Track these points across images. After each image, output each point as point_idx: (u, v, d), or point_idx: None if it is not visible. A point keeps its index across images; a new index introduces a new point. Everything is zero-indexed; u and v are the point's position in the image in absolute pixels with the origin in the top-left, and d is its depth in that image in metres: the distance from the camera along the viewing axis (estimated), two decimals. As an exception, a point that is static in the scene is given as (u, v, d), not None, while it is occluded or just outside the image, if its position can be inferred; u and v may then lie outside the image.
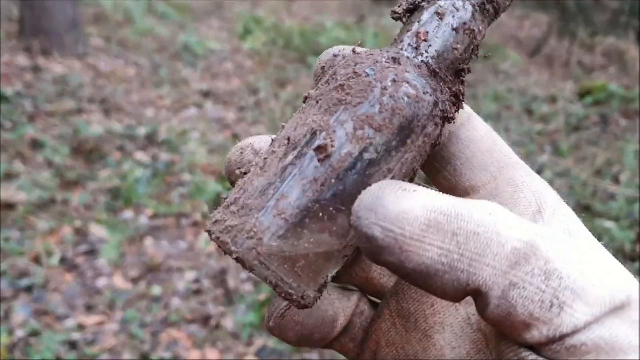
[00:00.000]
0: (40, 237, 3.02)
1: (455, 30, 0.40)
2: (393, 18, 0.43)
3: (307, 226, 0.35)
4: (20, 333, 2.49)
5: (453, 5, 0.40)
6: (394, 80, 0.37)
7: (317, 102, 0.38)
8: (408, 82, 0.37)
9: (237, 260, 0.35)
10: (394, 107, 0.36)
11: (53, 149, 3.75)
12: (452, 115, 0.39)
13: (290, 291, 0.35)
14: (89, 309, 2.70)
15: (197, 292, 2.89)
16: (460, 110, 0.41)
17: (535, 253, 0.29)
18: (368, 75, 0.37)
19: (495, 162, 0.41)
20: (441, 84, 0.39)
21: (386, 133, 0.36)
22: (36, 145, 3.78)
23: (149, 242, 3.18)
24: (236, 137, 4.31)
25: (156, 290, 2.85)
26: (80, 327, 2.59)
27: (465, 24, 0.40)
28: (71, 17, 5.26)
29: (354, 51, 0.42)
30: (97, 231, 3.14)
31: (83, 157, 3.77)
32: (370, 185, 0.34)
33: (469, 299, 0.38)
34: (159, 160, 3.92)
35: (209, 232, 0.37)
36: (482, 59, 0.44)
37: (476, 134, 0.42)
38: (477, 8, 0.40)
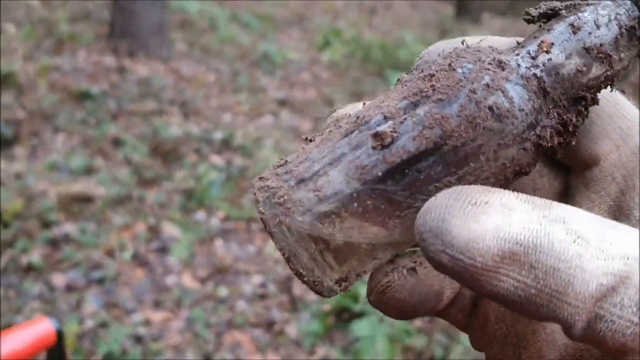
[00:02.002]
0: (115, 231, 3.09)
1: (587, 50, 0.34)
2: (524, 20, 0.38)
3: (338, 212, 0.32)
4: (90, 323, 2.55)
5: (595, 21, 0.34)
6: (487, 85, 0.32)
7: (403, 86, 0.35)
8: (503, 92, 0.32)
9: (261, 220, 0.33)
10: (476, 115, 0.31)
11: (133, 147, 3.85)
12: (550, 145, 0.33)
13: (301, 271, 0.33)
14: (157, 305, 2.74)
15: (263, 297, 2.89)
16: None
17: (624, 282, 0.25)
18: (462, 71, 0.33)
19: (618, 129, 0.36)
20: (550, 106, 0.33)
21: (457, 141, 0.31)
22: (117, 142, 3.89)
23: (218, 243, 3.21)
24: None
25: (223, 291, 2.87)
26: (147, 323, 2.63)
27: (601, 45, 0.34)
28: (158, 22, 5.43)
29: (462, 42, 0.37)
30: (170, 229, 3.19)
31: (161, 157, 3.85)
32: (421, 194, 0.31)
33: None
34: (233, 165, 3.97)
35: (253, 185, 0.35)
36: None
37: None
38: (625, 31, 0.34)
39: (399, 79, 0.37)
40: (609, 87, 0.35)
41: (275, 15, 7.92)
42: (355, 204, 0.32)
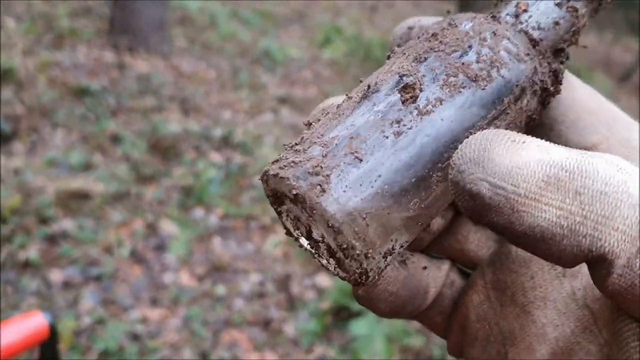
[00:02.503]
0: (113, 228, 3.08)
1: (558, 5, 0.37)
2: None
3: (380, 171, 0.30)
4: (86, 320, 2.54)
5: None
6: (493, 34, 0.34)
7: (404, 53, 0.35)
8: (509, 39, 0.34)
9: (296, 198, 0.30)
10: (494, 59, 0.33)
11: (132, 143, 3.84)
12: (551, 90, 0.36)
13: (355, 243, 0.30)
14: (154, 302, 2.73)
15: (261, 295, 2.88)
16: None
17: None
18: (465, 26, 0.34)
19: (604, 122, 0.37)
20: (540, 57, 0.36)
21: (482, 85, 0.32)
22: (116, 139, 3.88)
23: (217, 241, 3.20)
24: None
25: (220, 289, 2.86)
26: (144, 320, 2.62)
27: (568, 0, 0.37)
28: (159, 18, 5.41)
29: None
30: (168, 227, 3.19)
31: (159, 154, 3.84)
32: (458, 142, 0.31)
33: (574, 271, 0.35)
34: (232, 162, 3.96)
35: (265, 172, 0.32)
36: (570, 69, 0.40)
37: (577, 93, 0.38)
38: None
39: (388, 55, 0.38)
40: (575, 42, 0.38)
41: (276, 13, 7.91)
42: (399, 160, 0.31)
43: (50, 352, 1.42)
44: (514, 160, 0.26)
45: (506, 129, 0.33)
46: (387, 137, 0.31)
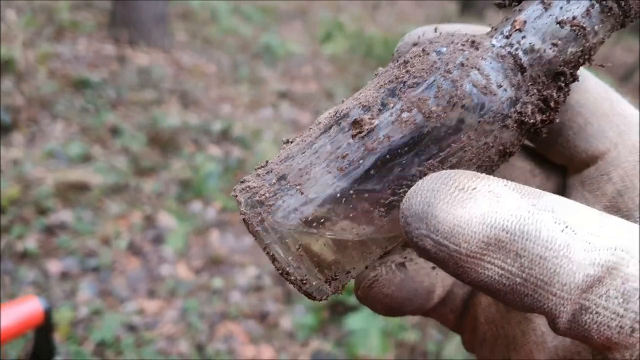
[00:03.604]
0: (111, 220, 3.09)
1: (560, 23, 0.33)
2: (496, 5, 0.38)
3: (323, 205, 0.31)
4: (84, 310, 2.54)
5: None
6: (461, 64, 0.31)
7: (379, 77, 0.35)
8: (478, 69, 0.32)
9: (244, 222, 0.32)
10: (453, 94, 0.31)
11: (131, 136, 3.84)
12: (533, 121, 0.33)
13: (288, 269, 0.31)
14: (151, 294, 2.74)
15: (258, 289, 2.89)
16: None
17: (611, 273, 0.24)
18: (436, 54, 0.32)
19: (614, 127, 0.35)
20: (529, 83, 0.33)
21: (437, 122, 0.31)
22: (115, 131, 3.88)
23: (214, 234, 3.20)
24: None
25: (217, 282, 2.86)
26: (140, 312, 2.62)
27: (574, 18, 0.33)
28: (160, 11, 5.41)
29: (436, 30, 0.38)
30: (166, 219, 3.19)
31: (158, 147, 3.84)
32: (405, 179, 0.30)
33: None
34: (231, 156, 3.96)
35: (234, 189, 0.34)
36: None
37: (588, 96, 0.36)
38: (596, 3, 0.33)
39: (375, 73, 0.36)
40: (587, 62, 0.35)
41: (277, 8, 7.89)
42: (339, 195, 0.31)
43: (45, 337, 1.43)
44: (457, 217, 0.25)
45: (467, 165, 0.32)
46: (330, 172, 0.31)
